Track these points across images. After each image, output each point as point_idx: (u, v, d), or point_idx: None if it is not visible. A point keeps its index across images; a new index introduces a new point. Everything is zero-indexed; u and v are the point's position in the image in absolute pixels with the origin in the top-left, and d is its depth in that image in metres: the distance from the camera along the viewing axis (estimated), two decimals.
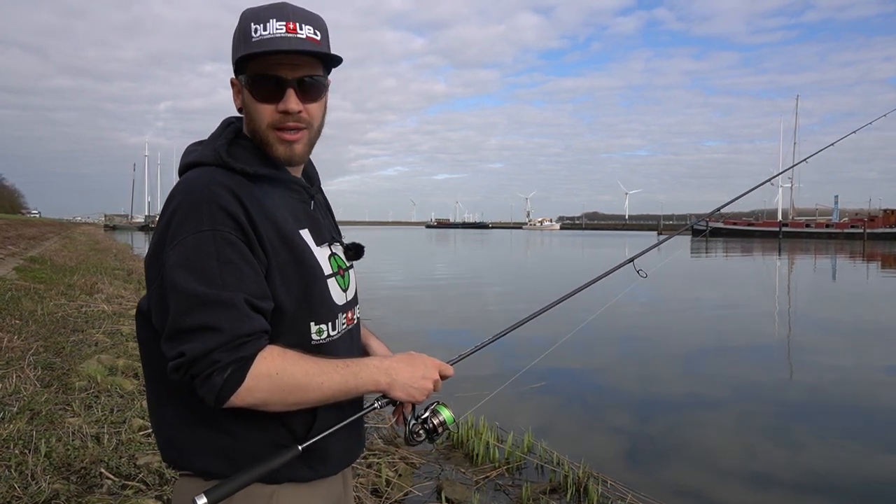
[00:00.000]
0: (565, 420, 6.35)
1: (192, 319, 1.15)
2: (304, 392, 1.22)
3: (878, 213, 72.59)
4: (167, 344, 1.18)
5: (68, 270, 15.10)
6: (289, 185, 1.37)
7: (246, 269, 1.20)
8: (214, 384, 1.14)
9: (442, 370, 1.42)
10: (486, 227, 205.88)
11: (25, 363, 5.58)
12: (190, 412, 1.27)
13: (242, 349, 1.16)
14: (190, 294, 1.15)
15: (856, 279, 23.65)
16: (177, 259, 1.18)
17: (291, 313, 1.28)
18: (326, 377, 1.24)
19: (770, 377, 8.24)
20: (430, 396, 1.40)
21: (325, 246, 1.40)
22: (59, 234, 40.44)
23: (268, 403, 1.20)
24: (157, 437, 1.35)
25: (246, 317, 1.17)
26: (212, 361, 1.14)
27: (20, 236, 27.95)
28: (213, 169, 1.28)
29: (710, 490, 4.70)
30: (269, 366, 1.18)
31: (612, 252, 42.44)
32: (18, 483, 3.30)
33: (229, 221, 1.20)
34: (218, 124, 1.41)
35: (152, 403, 1.36)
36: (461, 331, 11.40)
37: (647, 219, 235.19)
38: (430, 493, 4.12)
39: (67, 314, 8.50)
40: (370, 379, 1.31)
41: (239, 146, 1.34)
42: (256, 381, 1.16)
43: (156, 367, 1.29)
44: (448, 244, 59.30)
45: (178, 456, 1.31)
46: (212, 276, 1.17)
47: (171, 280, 1.18)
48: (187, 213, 1.21)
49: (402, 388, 1.35)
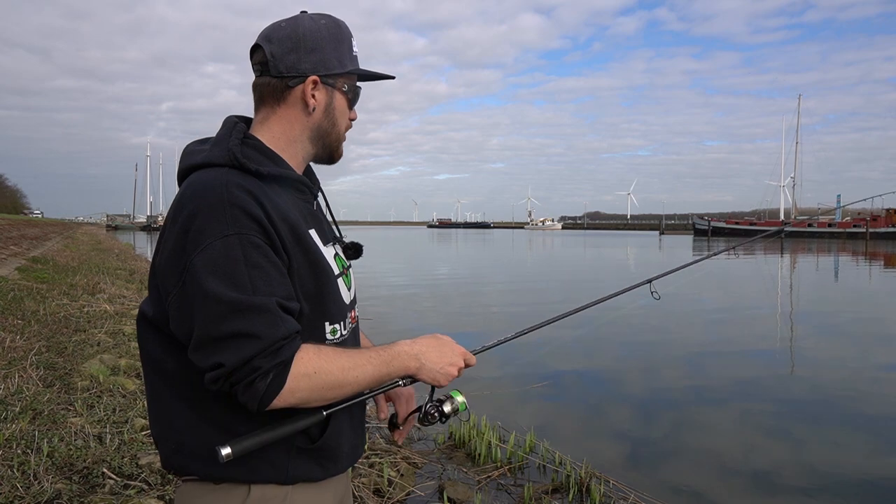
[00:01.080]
0: (567, 420, 6.35)
1: (226, 327, 1.13)
2: (342, 387, 1.24)
3: (880, 213, 72.45)
4: (199, 353, 1.16)
5: (70, 270, 15.12)
6: (295, 185, 1.37)
7: (273, 272, 1.20)
8: (257, 390, 1.14)
9: (466, 359, 1.44)
10: (488, 227, 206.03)
11: (28, 363, 5.59)
12: (205, 417, 1.25)
13: (281, 353, 1.16)
14: (223, 300, 1.14)
15: (858, 279, 23.61)
16: (204, 265, 1.16)
17: (308, 314, 1.28)
18: (361, 370, 1.26)
19: (773, 377, 8.23)
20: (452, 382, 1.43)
21: (330, 245, 1.41)
22: (61, 234, 40.52)
23: (308, 401, 1.22)
24: (163, 444, 1.32)
25: (280, 320, 1.17)
26: (253, 368, 1.13)
27: (23, 236, 27.99)
28: (227, 170, 1.25)
29: (712, 490, 4.69)
30: (308, 365, 1.19)
31: (613, 252, 42.43)
32: (21, 483, 3.30)
33: (253, 224, 1.19)
34: (221, 124, 1.39)
35: (159, 411, 1.32)
36: (467, 333, 11.39)
37: (650, 218, 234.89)
38: (433, 492, 4.12)
39: (70, 314, 8.50)
40: (402, 366, 1.34)
41: (248, 146, 1.32)
42: (297, 381, 1.18)
43: (166, 375, 1.28)
44: (450, 244, 59.31)
45: (189, 461, 1.28)
46: (242, 281, 1.15)
47: (199, 287, 1.15)
48: (208, 216, 1.18)
49: (429, 373, 1.38)
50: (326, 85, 1.38)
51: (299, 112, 1.38)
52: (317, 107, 1.38)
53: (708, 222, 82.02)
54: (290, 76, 1.35)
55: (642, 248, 45.00)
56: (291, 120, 1.38)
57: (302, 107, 1.37)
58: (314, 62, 1.35)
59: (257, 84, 1.39)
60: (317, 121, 1.39)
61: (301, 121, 1.38)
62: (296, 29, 1.35)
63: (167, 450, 1.31)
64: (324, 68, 1.36)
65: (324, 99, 1.38)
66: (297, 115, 1.38)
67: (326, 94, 1.38)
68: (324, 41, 1.36)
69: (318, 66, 1.36)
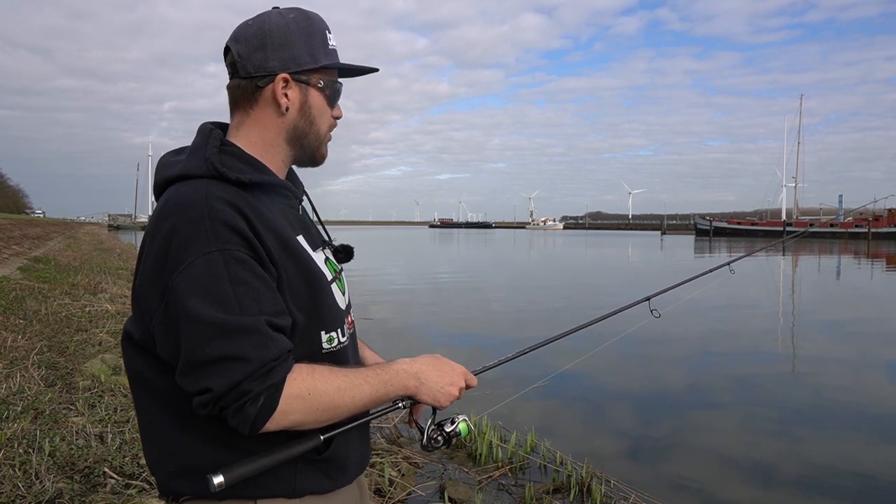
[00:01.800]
0: (568, 420, 6.35)
1: (212, 350, 1.08)
2: (337, 409, 1.19)
3: (882, 213, 72.34)
4: (186, 378, 1.11)
5: (72, 270, 15.14)
6: (279, 191, 1.31)
7: (261, 288, 1.14)
8: (248, 415, 1.09)
9: (468, 379, 1.40)
10: (489, 227, 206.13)
11: (30, 363, 5.59)
12: (203, 437, 1.20)
13: (272, 375, 1.10)
14: (207, 322, 1.08)
15: (860, 279, 23.57)
16: (186, 285, 1.10)
17: (302, 324, 1.22)
18: (358, 390, 1.21)
19: (774, 377, 8.22)
20: (453, 404, 1.38)
21: (319, 250, 1.35)
22: (63, 233, 40.57)
23: (302, 424, 1.17)
24: (160, 469, 1.25)
25: (270, 340, 1.11)
26: (242, 392, 1.08)
27: (24, 236, 28.03)
28: (206, 181, 1.19)
29: (713, 490, 4.68)
30: (301, 387, 1.14)
31: (615, 252, 42.39)
32: (22, 482, 3.31)
33: (236, 238, 1.13)
34: (196, 132, 1.31)
35: (154, 435, 1.25)
36: (472, 335, 11.39)
37: (651, 218, 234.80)
38: (434, 492, 4.12)
39: (71, 314, 8.52)
40: (400, 385, 1.29)
41: (227, 154, 1.25)
42: (290, 403, 1.13)
43: (157, 396, 1.22)
44: (452, 244, 59.30)
45: (189, 483, 1.21)
46: (228, 300, 1.09)
47: (182, 309, 1.10)
48: (188, 233, 1.12)
49: (430, 393, 1.33)
50: (299, 83, 1.30)
51: (272, 113, 1.31)
52: (290, 106, 1.30)
53: (709, 222, 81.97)
54: (258, 76, 1.28)
55: (644, 248, 44.94)
56: (266, 122, 1.31)
57: (275, 107, 1.30)
58: (283, 59, 1.28)
59: (229, 87, 1.32)
60: (292, 121, 1.32)
61: (276, 123, 1.31)
62: (262, 26, 1.28)
63: (165, 474, 1.24)
64: (294, 65, 1.29)
65: (297, 97, 1.31)
66: (271, 116, 1.31)
67: (300, 93, 1.31)
68: (292, 36, 1.29)
69: (287, 63, 1.28)
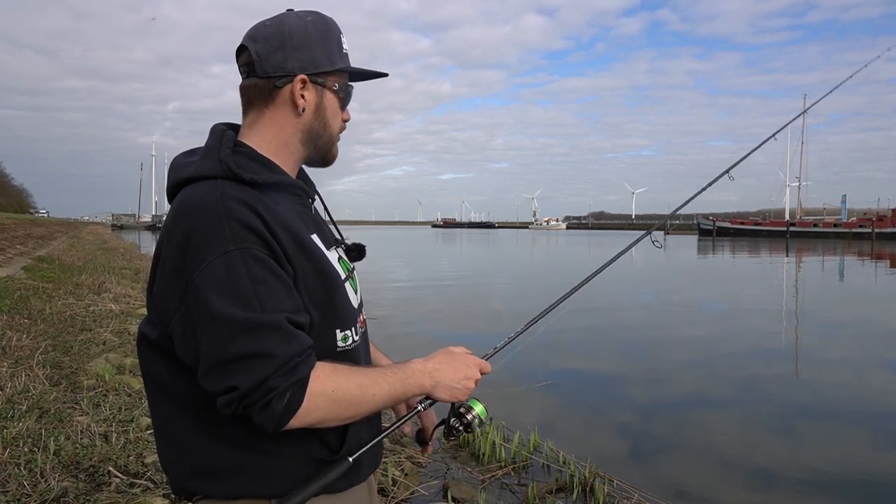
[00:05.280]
0: (571, 419, 6.34)
1: (236, 348, 1.09)
2: (358, 406, 1.22)
3: (886, 213, 72.12)
4: (209, 377, 1.12)
5: (76, 270, 15.18)
6: (292, 190, 1.32)
7: (279, 286, 1.15)
8: (274, 411, 1.11)
9: (482, 368, 1.42)
10: (492, 226, 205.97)
11: (34, 362, 5.61)
12: (221, 437, 1.21)
13: (297, 371, 1.12)
14: (230, 320, 1.09)
15: (864, 279, 23.51)
16: (207, 284, 1.11)
17: (318, 323, 1.24)
18: (378, 388, 1.24)
19: (777, 377, 8.20)
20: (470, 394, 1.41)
21: (333, 249, 1.37)
22: (66, 233, 40.65)
23: (325, 421, 1.19)
24: (174, 469, 1.27)
25: (292, 336, 1.13)
26: (268, 389, 1.10)
27: (28, 236, 28.09)
28: (221, 182, 1.20)
29: (716, 490, 4.68)
30: (325, 384, 1.16)
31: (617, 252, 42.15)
32: (28, 481, 3.32)
33: (253, 237, 1.15)
34: (209, 133, 1.33)
35: (170, 435, 1.27)
36: (472, 334, 11.39)
37: (654, 218, 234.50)
38: (437, 492, 4.12)
39: (75, 313, 8.54)
40: (416, 384, 1.32)
41: (240, 154, 1.27)
42: (314, 400, 1.14)
43: (175, 399, 1.24)
44: (455, 244, 59.27)
45: (205, 482, 1.23)
46: (249, 298, 1.11)
47: (204, 308, 1.11)
48: (206, 233, 1.14)
49: (446, 389, 1.36)
50: (316, 84, 1.32)
51: (289, 113, 1.32)
52: (307, 107, 1.32)
53: (712, 222, 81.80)
54: (277, 76, 1.30)
55: (645, 248, 44.49)
56: (281, 122, 1.32)
57: (291, 108, 1.32)
58: (302, 60, 1.30)
59: (244, 87, 1.33)
60: (307, 122, 1.34)
61: (291, 123, 1.33)
62: (281, 27, 1.30)
63: (179, 474, 1.26)
64: (312, 66, 1.31)
65: (314, 99, 1.33)
66: (287, 116, 1.32)
67: (316, 94, 1.33)
68: (311, 38, 1.31)
69: (306, 65, 1.30)
